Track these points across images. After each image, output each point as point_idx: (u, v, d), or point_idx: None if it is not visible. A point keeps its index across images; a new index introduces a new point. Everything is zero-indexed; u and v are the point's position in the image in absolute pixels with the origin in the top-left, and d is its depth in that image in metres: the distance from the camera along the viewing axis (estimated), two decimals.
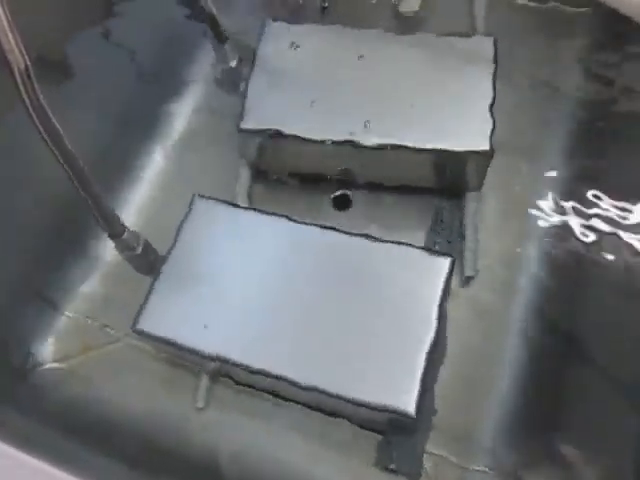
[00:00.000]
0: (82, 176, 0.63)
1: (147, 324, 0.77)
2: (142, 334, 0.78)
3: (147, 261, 0.81)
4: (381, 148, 0.87)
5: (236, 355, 0.75)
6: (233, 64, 1.04)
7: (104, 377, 0.90)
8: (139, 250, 0.77)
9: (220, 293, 0.79)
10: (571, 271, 0.90)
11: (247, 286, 0.79)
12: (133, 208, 1.01)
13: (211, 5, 0.88)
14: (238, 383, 0.85)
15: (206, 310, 0.78)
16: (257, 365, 0.74)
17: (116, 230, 0.73)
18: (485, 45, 0.92)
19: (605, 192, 0.93)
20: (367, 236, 0.81)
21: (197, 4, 0.88)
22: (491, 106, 0.87)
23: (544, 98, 1.02)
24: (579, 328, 0.87)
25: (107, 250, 0.96)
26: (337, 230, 0.82)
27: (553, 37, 1.05)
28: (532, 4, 1.08)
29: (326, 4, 1.07)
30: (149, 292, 0.79)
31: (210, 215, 0.84)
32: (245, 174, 0.99)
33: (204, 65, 1.11)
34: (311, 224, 0.83)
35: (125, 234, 0.74)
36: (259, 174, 1.00)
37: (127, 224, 0.75)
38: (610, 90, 1.02)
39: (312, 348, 0.74)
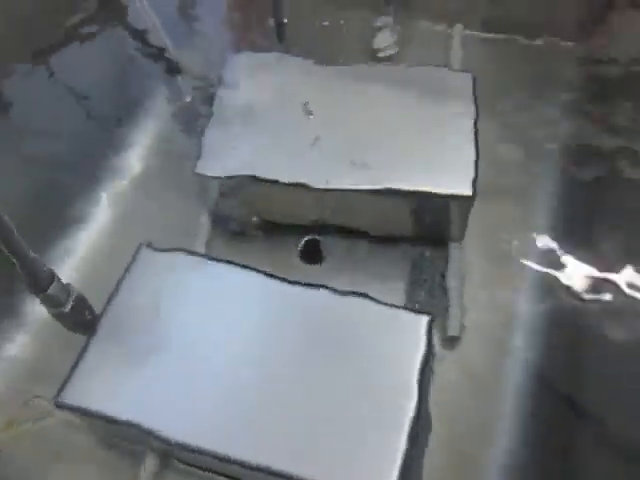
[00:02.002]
0: None
1: (74, 396, 0.65)
2: (68, 408, 0.65)
3: (80, 320, 0.69)
4: (352, 191, 0.78)
5: (181, 434, 0.62)
6: (188, 99, 0.96)
7: (30, 460, 0.76)
8: (68, 307, 0.66)
9: (164, 359, 0.67)
10: (568, 326, 0.82)
11: (197, 351, 0.67)
12: (74, 259, 0.90)
13: (162, 36, 0.81)
14: (187, 464, 0.72)
15: (146, 379, 0.65)
16: (206, 446, 0.61)
17: (41, 284, 0.62)
18: (463, 81, 0.86)
19: (594, 239, 0.87)
20: (337, 291, 0.71)
21: (148, 37, 0.82)
22: (473, 147, 0.80)
23: (528, 139, 0.97)
24: (581, 392, 0.77)
25: (38, 305, 0.83)
26: (304, 284, 0.72)
27: (537, 75, 1.02)
28: (515, 39, 1.05)
29: (285, 20, 1.00)
30: (79, 357, 0.67)
31: (156, 267, 0.73)
32: (204, 222, 0.90)
33: (159, 101, 1.04)
34: (276, 277, 0.73)
35: (51, 288, 0.63)
36: (220, 222, 0.90)
37: (65, 277, 0.65)
38: (596, 131, 0.97)
39: (273, 425, 0.62)
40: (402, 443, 0.59)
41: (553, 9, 1.12)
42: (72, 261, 0.90)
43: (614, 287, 0.83)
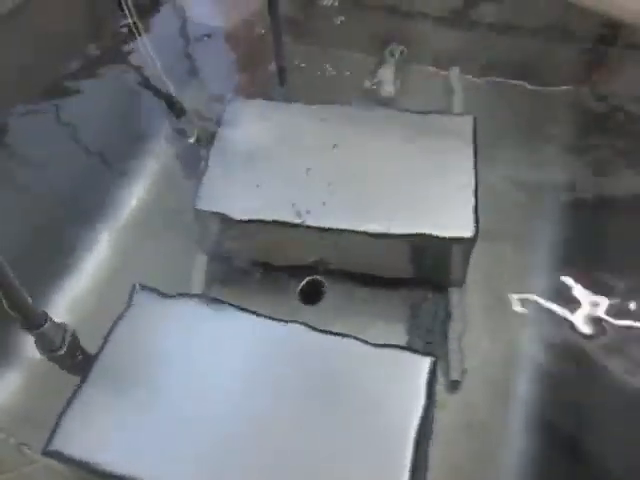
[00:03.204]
0: None
1: (61, 445, 0.62)
2: (54, 456, 0.62)
3: (74, 362, 0.67)
4: (352, 232, 0.78)
5: None
6: (192, 140, 0.96)
7: None
8: (63, 350, 0.64)
9: (156, 406, 0.64)
10: (570, 368, 0.80)
11: (190, 397, 0.65)
12: (69, 299, 0.88)
13: (165, 79, 0.82)
14: None
15: (137, 428, 0.62)
16: None
17: (33, 321, 0.61)
18: (464, 124, 0.87)
19: (596, 281, 0.86)
20: (337, 335, 0.69)
21: (152, 79, 0.83)
22: (473, 190, 0.80)
23: (528, 181, 0.96)
24: (583, 435, 0.75)
25: (31, 347, 0.81)
26: (303, 327, 0.70)
27: (536, 117, 1.02)
28: (513, 83, 1.06)
29: (285, 64, 1.02)
30: (67, 403, 0.64)
31: (153, 309, 0.71)
32: (202, 260, 0.89)
33: (161, 141, 1.04)
34: (274, 319, 0.71)
35: (46, 326, 0.61)
36: (219, 262, 0.89)
37: (59, 314, 0.66)
38: (596, 174, 0.97)
39: (269, 474, 0.59)
40: None
41: (551, 53, 1.13)
42: (68, 297, 0.89)
43: (616, 328, 0.82)
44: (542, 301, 0.85)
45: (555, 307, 0.84)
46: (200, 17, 1.25)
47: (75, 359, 0.67)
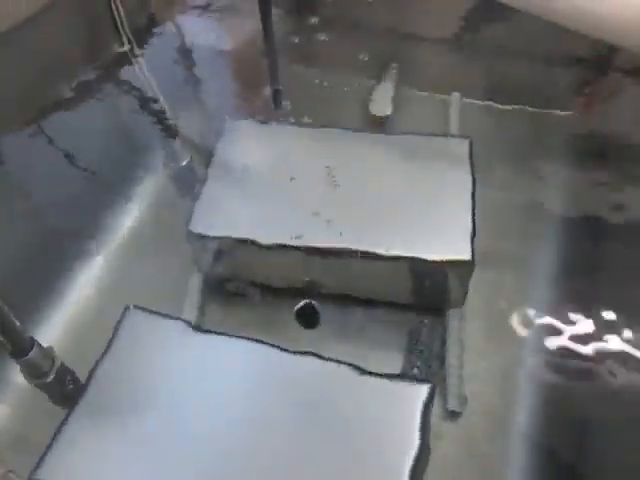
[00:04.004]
0: None
1: (49, 473, 0.60)
2: None
3: (63, 391, 0.66)
4: (349, 255, 0.77)
5: None
6: (184, 162, 0.96)
7: None
8: (51, 376, 0.63)
9: (147, 435, 0.62)
10: (570, 395, 0.78)
11: (182, 427, 0.63)
12: (63, 320, 0.87)
13: (163, 101, 0.82)
14: None
15: (126, 457, 0.61)
16: None
17: (21, 347, 0.60)
18: (460, 147, 0.86)
19: (595, 306, 0.84)
20: (332, 361, 0.67)
21: (147, 101, 0.83)
22: (471, 212, 0.79)
23: (526, 204, 0.96)
24: (583, 463, 0.73)
25: (18, 374, 0.80)
26: (297, 353, 0.68)
27: (534, 140, 1.02)
28: (510, 108, 1.06)
29: (280, 87, 1.02)
30: (57, 431, 0.63)
31: (145, 332, 0.70)
32: (197, 283, 0.87)
33: (156, 163, 1.03)
34: (267, 344, 0.70)
35: (32, 354, 0.60)
36: (214, 284, 0.88)
37: (51, 338, 0.65)
38: (595, 196, 0.97)
39: None
40: None
41: (549, 77, 1.14)
42: (61, 319, 0.87)
43: (617, 354, 0.80)
44: (543, 324, 0.83)
45: (556, 330, 0.83)
46: (197, 38, 1.26)
47: (64, 387, 0.65)
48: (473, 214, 0.79)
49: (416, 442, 0.60)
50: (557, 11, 0.74)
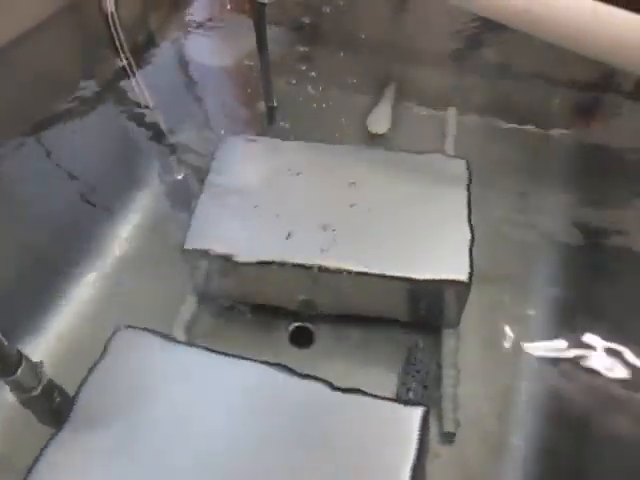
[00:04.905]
0: None
1: None
2: None
3: (50, 407, 0.64)
4: (344, 274, 0.76)
5: None
6: (179, 177, 0.96)
7: None
8: (38, 390, 0.61)
9: (135, 455, 0.61)
10: (567, 417, 0.77)
11: (171, 447, 0.61)
12: (52, 339, 0.85)
13: (159, 117, 0.82)
14: None
15: (113, 477, 0.59)
16: None
17: (8, 366, 0.58)
18: (457, 167, 0.86)
19: (593, 325, 0.84)
20: (324, 382, 0.66)
21: (144, 116, 0.82)
22: (468, 232, 0.79)
23: (524, 222, 0.96)
24: None
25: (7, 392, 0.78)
26: (289, 372, 0.67)
27: (532, 158, 1.02)
28: (507, 126, 1.07)
29: (275, 104, 1.02)
30: (41, 452, 0.61)
31: (136, 350, 0.68)
32: (191, 301, 0.86)
33: (151, 179, 1.03)
34: (261, 363, 0.68)
35: (20, 371, 0.59)
36: (207, 302, 0.87)
37: (40, 355, 0.62)
38: (593, 215, 0.97)
39: None
40: None
41: (549, 96, 1.14)
42: (51, 339, 0.85)
43: (617, 376, 0.79)
44: (540, 347, 0.83)
45: (554, 351, 0.82)
46: (195, 55, 1.27)
47: (52, 402, 0.64)
48: (470, 234, 0.78)
49: (410, 465, 0.59)
50: (552, 32, 0.74)
